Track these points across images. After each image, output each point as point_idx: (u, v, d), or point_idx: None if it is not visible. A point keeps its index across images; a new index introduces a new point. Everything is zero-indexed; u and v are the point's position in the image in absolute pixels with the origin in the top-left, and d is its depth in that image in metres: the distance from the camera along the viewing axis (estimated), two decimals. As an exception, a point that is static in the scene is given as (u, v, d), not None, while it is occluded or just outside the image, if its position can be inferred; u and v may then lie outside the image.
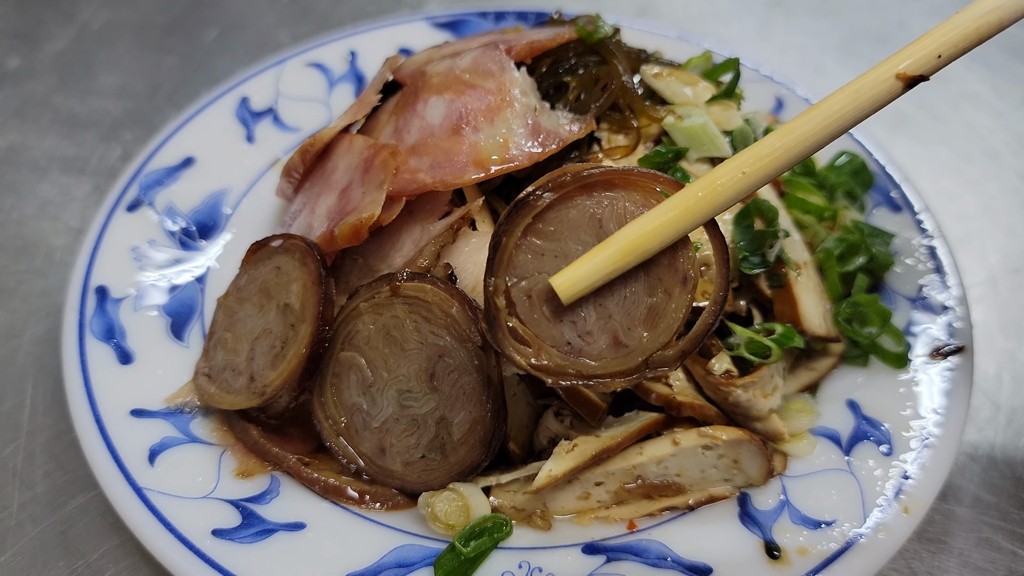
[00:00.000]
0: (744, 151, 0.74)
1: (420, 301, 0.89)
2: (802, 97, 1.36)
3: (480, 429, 0.89)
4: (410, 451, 0.92)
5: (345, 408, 0.94)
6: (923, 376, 1.02)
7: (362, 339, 0.92)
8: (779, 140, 0.73)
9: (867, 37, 1.88)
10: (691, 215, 0.73)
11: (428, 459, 0.92)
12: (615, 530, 0.92)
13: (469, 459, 0.90)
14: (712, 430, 0.93)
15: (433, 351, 0.89)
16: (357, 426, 0.94)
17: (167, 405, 0.98)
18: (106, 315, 1.04)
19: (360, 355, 0.92)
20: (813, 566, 0.86)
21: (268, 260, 1.02)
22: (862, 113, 0.73)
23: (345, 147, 1.09)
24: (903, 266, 1.14)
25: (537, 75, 1.06)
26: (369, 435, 0.93)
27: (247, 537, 0.87)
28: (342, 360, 0.94)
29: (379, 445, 0.93)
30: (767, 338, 0.96)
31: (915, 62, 0.72)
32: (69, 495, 1.03)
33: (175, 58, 1.72)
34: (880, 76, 0.73)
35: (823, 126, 0.73)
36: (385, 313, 0.91)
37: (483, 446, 0.90)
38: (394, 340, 0.90)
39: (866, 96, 0.73)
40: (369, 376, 0.92)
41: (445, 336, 0.88)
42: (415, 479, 0.92)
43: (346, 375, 0.93)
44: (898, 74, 0.72)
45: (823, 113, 0.73)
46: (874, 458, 0.95)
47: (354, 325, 0.93)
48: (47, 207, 1.40)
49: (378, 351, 0.91)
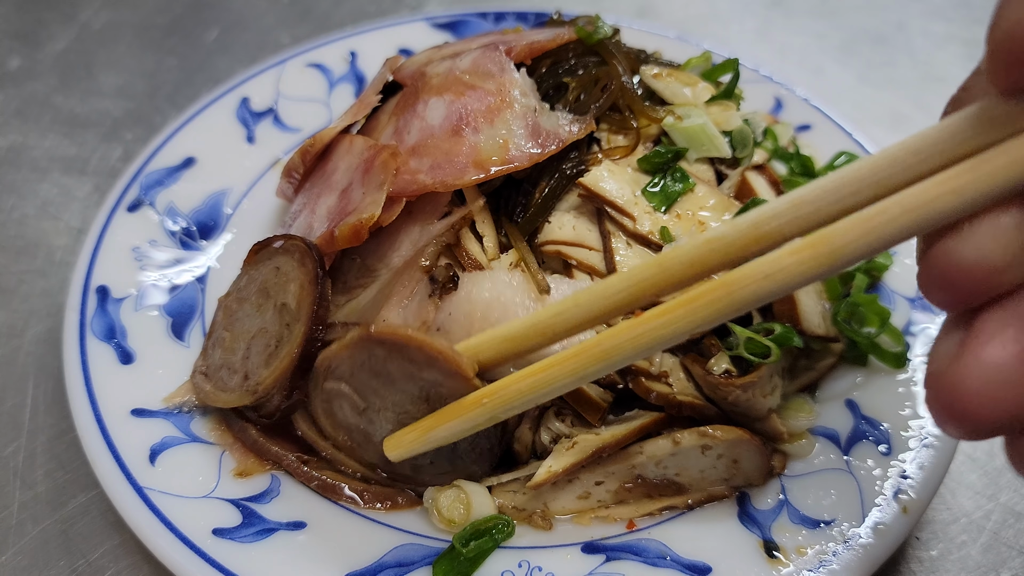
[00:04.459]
0: (552, 372, 0.74)
1: (394, 344, 0.85)
2: (801, 97, 1.36)
3: (483, 442, 0.90)
4: (417, 458, 0.91)
5: (343, 428, 0.93)
6: (922, 376, 1.02)
7: (345, 372, 0.89)
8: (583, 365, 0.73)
9: (867, 38, 1.88)
10: (492, 417, 0.79)
11: (436, 464, 0.92)
12: (614, 529, 0.93)
13: (476, 468, 0.92)
14: (712, 430, 0.93)
15: (425, 384, 0.85)
16: (359, 440, 0.93)
17: (165, 405, 0.99)
18: (107, 315, 1.05)
19: (346, 384, 0.90)
20: (812, 565, 0.87)
21: (268, 260, 1.02)
22: None
23: (345, 148, 1.09)
24: (902, 265, 1.14)
25: (537, 76, 1.07)
26: (372, 447, 0.92)
27: (247, 536, 0.87)
28: (328, 390, 0.91)
29: (383, 454, 0.91)
30: (766, 338, 0.97)
31: None
32: (70, 494, 1.03)
33: (176, 58, 1.72)
34: None
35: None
36: (363, 352, 0.87)
37: (488, 455, 0.91)
38: (380, 372, 0.87)
39: None
40: (360, 403, 0.90)
41: (431, 371, 0.84)
42: (428, 479, 0.93)
43: (337, 401, 0.92)
44: None
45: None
46: (873, 458, 0.95)
47: (333, 360, 0.89)
48: (48, 207, 1.40)
49: (364, 380, 0.88)
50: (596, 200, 0.99)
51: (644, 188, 1.00)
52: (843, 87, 1.74)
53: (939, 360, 0.55)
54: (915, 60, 1.82)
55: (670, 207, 0.99)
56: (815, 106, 1.35)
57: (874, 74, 1.78)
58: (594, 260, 0.97)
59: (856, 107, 1.66)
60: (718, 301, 0.64)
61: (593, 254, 0.97)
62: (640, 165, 1.02)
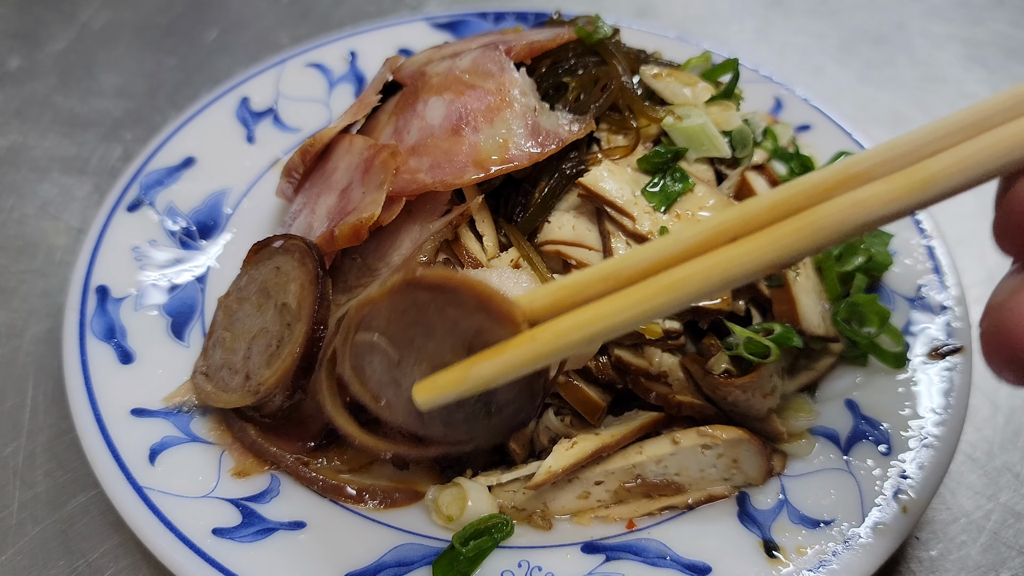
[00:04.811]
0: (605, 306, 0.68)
1: (443, 288, 0.79)
2: (801, 97, 1.36)
3: (525, 393, 0.82)
4: (452, 414, 0.84)
5: (373, 385, 0.85)
6: (922, 376, 1.02)
7: (380, 322, 0.83)
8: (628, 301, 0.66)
9: (866, 37, 1.88)
10: (540, 358, 0.71)
11: (472, 420, 0.84)
12: (614, 529, 0.93)
13: (515, 420, 0.84)
14: (711, 429, 0.93)
15: (469, 331, 0.79)
16: (388, 398, 0.85)
17: (165, 404, 0.99)
18: (107, 315, 1.05)
19: (380, 336, 0.83)
20: (811, 565, 0.87)
21: (268, 260, 1.02)
22: None
23: (345, 147, 1.09)
24: (901, 266, 1.14)
25: (536, 76, 1.07)
26: (404, 404, 0.84)
27: (247, 536, 0.87)
28: (360, 342, 0.84)
29: (415, 411, 0.83)
30: (766, 338, 0.97)
31: None
32: (70, 494, 1.03)
33: (175, 58, 1.72)
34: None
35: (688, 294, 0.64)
36: (403, 300, 0.81)
37: (529, 408, 0.83)
38: (418, 322, 0.81)
39: None
40: (395, 356, 0.83)
41: (479, 316, 0.78)
42: (459, 440, 0.86)
43: (368, 357, 0.85)
44: None
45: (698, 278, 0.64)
46: (873, 458, 0.95)
47: (368, 310, 0.83)
48: (48, 207, 1.40)
49: (401, 333, 0.82)
50: (596, 200, 0.99)
51: (644, 188, 1.00)
52: (843, 87, 1.74)
53: (1000, 293, 0.56)
54: (915, 60, 1.82)
55: (670, 207, 1.00)
56: (815, 106, 1.35)
57: (874, 74, 1.78)
58: (594, 260, 0.97)
59: (856, 107, 1.66)
60: (802, 230, 0.58)
61: (593, 254, 0.97)
62: (640, 165, 1.02)
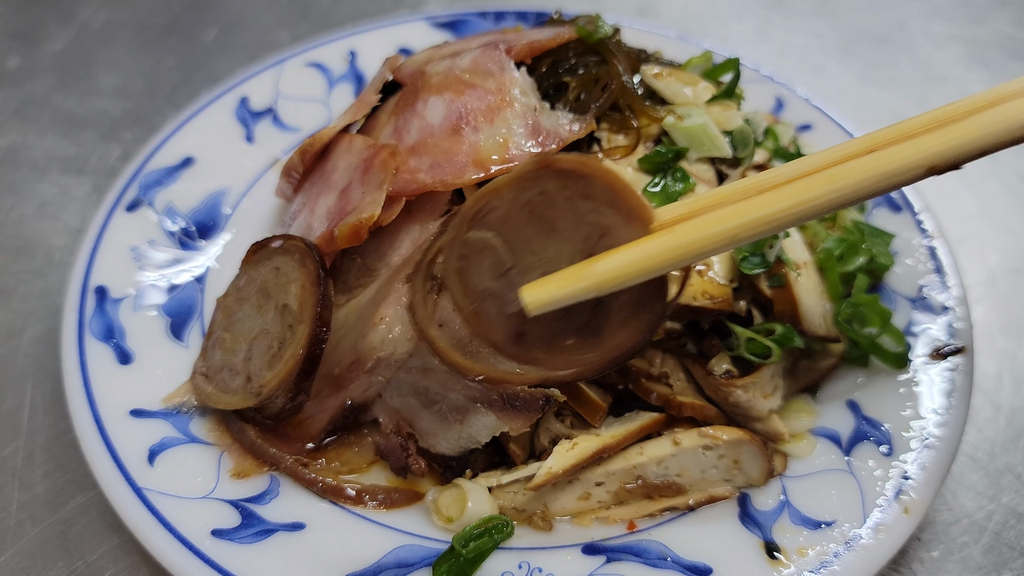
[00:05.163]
0: (741, 206, 0.69)
1: (577, 175, 0.74)
2: (802, 97, 1.36)
3: (645, 312, 0.77)
4: (556, 336, 0.79)
5: (474, 294, 0.80)
6: (923, 376, 1.02)
7: (498, 217, 0.77)
8: (778, 204, 0.69)
9: (867, 37, 1.88)
10: (668, 262, 0.70)
11: (578, 343, 0.79)
12: (615, 530, 0.92)
13: (628, 343, 0.78)
14: (713, 430, 0.93)
15: (593, 230, 0.74)
16: (489, 312, 0.80)
17: (164, 405, 0.98)
18: (105, 315, 1.04)
19: (496, 235, 0.77)
20: (813, 566, 0.86)
21: (268, 260, 1.02)
22: (872, 191, 0.69)
23: (345, 147, 1.09)
24: (903, 266, 1.14)
25: (537, 75, 1.06)
26: (505, 321, 0.80)
27: (247, 537, 0.87)
28: (471, 241, 0.78)
29: (516, 331, 0.80)
30: (767, 338, 0.96)
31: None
32: (68, 495, 1.03)
33: (174, 58, 1.72)
34: (908, 159, 0.69)
35: (827, 194, 0.69)
36: (531, 188, 0.75)
37: (646, 330, 0.78)
38: (542, 218, 0.75)
39: (888, 173, 0.69)
40: (508, 258, 0.78)
41: (609, 212, 0.73)
42: (560, 367, 0.80)
43: (476, 258, 0.79)
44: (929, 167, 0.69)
45: (831, 180, 0.69)
46: (874, 458, 0.95)
47: (488, 201, 0.77)
48: (47, 207, 1.40)
49: (519, 231, 0.76)
50: (597, 200, 0.98)
51: (645, 188, 1.00)
52: (844, 87, 1.74)
53: None
54: (915, 60, 1.82)
55: (671, 207, 0.99)
56: (816, 106, 1.35)
57: (875, 74, 1.78)
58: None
59: (857, 107, 1.66)
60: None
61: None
62: (641, 165, 1.02)
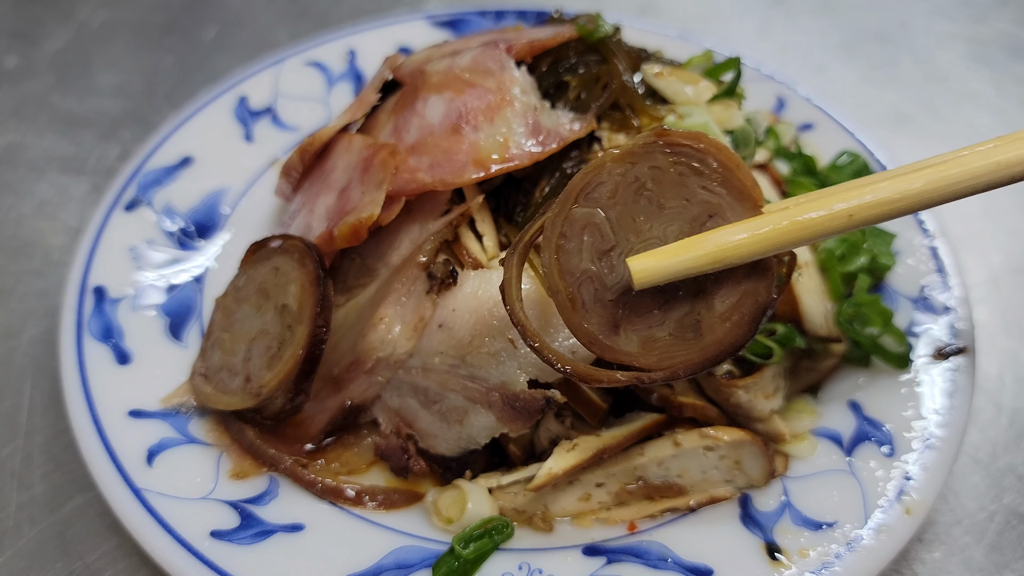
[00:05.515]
0: (855, 189, 0.70)
1: (691, 149, 0.73)
2: (803, 96, 1.36)
3: (749, 303, 0.73)
4: (652, 329, 0.76)
5: (572, 277, 0.77)
6: (925, 377, 1.01)
7: (606, 192, 0.75)
8: (897, 192, 0.70)
9: (869, 36, 1.87)
10: (780, 242, 0.69)
11: (676, 338, 0.75)
12: (616, 531, 0.92)
13: (730, 338, 0.74)
14: (714, 431, 0.93)
15: (702, 210, 0.73)
16: (585, 298, 0.76)
17: (163, 406, 0.98)
18: (104, 315, 1.04)
19: (601, 211, 0.75)
20: (814, 568, 0.86)
21: (267, 260, 1.01)
22: (994, 182, 0.70)
23: (344, 146, 1.08)
24: (905, 266, 1.14)
25: (537, 74, 1.06)
26: (600, 309, 0.76)
27: (246, 538, 0.87)
28: (575, 218, 0.76)
29: (612, 321, 0.76)
30: (768, 338, 0.96)
31: None
32: (67, 496, 1.02)
33: (173, 57, 1.71)
34: None
35: (943, 186, 0.70)
36: (641, 163, 0.74)
37: (750, 323, 0.73)
38: (649, 195, 0.74)
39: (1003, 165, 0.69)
40: (610, 237, 0.75)
41: (720, 191, 0.72)
42: (654, 364, 0.76)
43: (578, 236, 0.76)
44: None
45: (948, 172, 0.70)
46: (876, 459, 0.95)
47: (597, 175, 0.75)
48: (45, 207, 1.40)
49: (626, 207, 0.74)
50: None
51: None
52: (845, 86, 1.74)
53: None
54: (917, 59, 1.81)
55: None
56: (817, 105, 1.34)
57: (876, 73, 1.78)
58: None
59: (858, 106, 1.66)
60: None
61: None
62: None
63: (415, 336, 0.94)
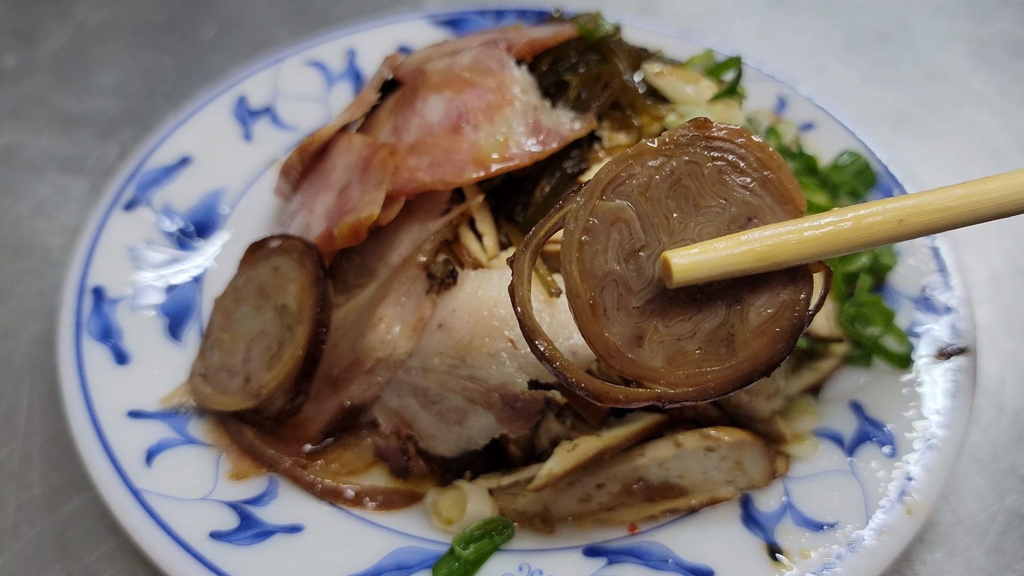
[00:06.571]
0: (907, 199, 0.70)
1: (731, 145, 0.69)
2: (804, 96, 1.35)
3: (788, 315, 0.68)
4: (681, 341, 0.69)
5: (594, 280, 0.69)
6: (926, 377, 1.01)
7: (638, 187, 0.68)
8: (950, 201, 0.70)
9: (870, 36, 1.87)
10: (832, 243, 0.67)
11: (706, 353, 0.69)
12: (616, 532, 0.92)
13: (764, 354, 0.68)
14: (715, 431, 0.92)
15: (741, 211, 0.68)
16: (607, 305, 0.69)
17: (162, 406, 0.98)
18: (103, 315, 1.04)
19: (632, 207, 0.68)
20: (816, 568, 0.86)
21: (266, 261, 1.01)
22: None
23: (344, 146, 1.08)
24: (906, 266, 1.13)
25: (537, 73, 1.06)
26: (624, 317, 0.69)
27: (245, 539, 0.87)
28: (602, 212, 0.69)
29: (636, 332, 0.69)
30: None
31: None
32: (66, 497, 1.02)
33: (173, 56, 1.71)
34: None
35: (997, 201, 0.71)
36: (679, 157, 0.69)
37: (787, 339, 0.68)
38: (686, 192, 0.68)
39: None
40: (640, 236, 0.68)
41: (760, 192, 0.68)
42: (681, 380, 0.69)
43: (604, 233, 0.69)
44: None
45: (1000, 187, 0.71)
46: (877, 460, 0.95)
47: (629, 167, 0.69)
48: (44, 206, 1.39)
49: (659, 204, 0.68)
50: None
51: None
52: (846, 85, 1.73)
53: None
54: (919, 58, 1.81)
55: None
56: (818, 105, 1.34)
57: (878, 72, 1.77)
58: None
59: (860, 106, 1.65)
60: None
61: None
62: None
63: (415, 336, 0.94)
